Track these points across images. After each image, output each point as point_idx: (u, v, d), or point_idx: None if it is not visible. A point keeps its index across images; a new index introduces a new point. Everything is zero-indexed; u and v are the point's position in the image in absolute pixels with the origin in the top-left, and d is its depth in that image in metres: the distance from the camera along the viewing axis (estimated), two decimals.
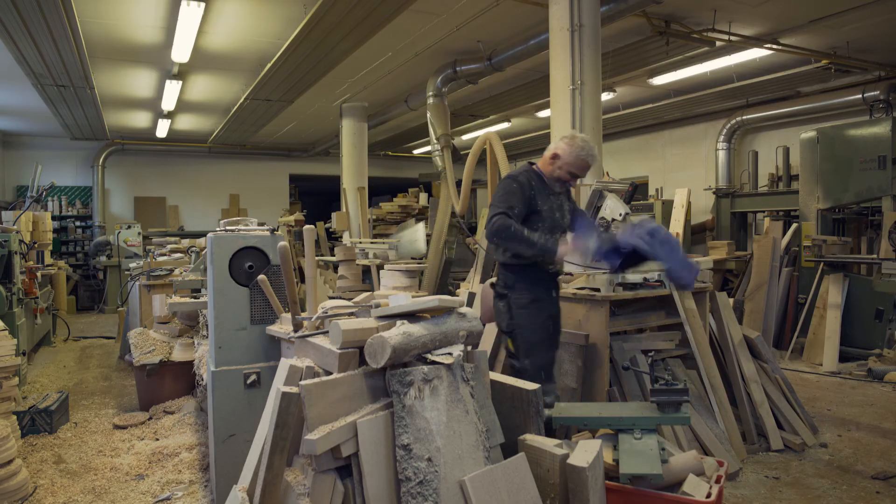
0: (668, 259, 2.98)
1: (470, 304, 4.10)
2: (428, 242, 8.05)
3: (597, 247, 3.07)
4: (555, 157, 3.26)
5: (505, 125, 12.33)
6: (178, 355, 5.07)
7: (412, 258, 8.01)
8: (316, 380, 2.10)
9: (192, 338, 5.20)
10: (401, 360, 2.10)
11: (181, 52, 7.12)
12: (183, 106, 10.39)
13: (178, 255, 7.27)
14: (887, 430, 4.54)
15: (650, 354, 3.22)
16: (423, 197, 11.99)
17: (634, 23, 6.56)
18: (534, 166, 3.35)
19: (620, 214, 3.81)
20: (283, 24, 6.66)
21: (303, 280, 8.01)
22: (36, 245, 7.78)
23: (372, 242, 7.60)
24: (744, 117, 10.18)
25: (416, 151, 15.66)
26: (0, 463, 3.36)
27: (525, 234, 3.07)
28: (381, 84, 9.20)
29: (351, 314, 2.58)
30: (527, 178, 3.25)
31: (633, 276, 3.85)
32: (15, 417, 4.19)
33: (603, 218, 3.93)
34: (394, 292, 3.55)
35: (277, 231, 3.31)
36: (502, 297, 3.31)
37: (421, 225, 8.83)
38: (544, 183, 3.30)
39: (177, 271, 6.27)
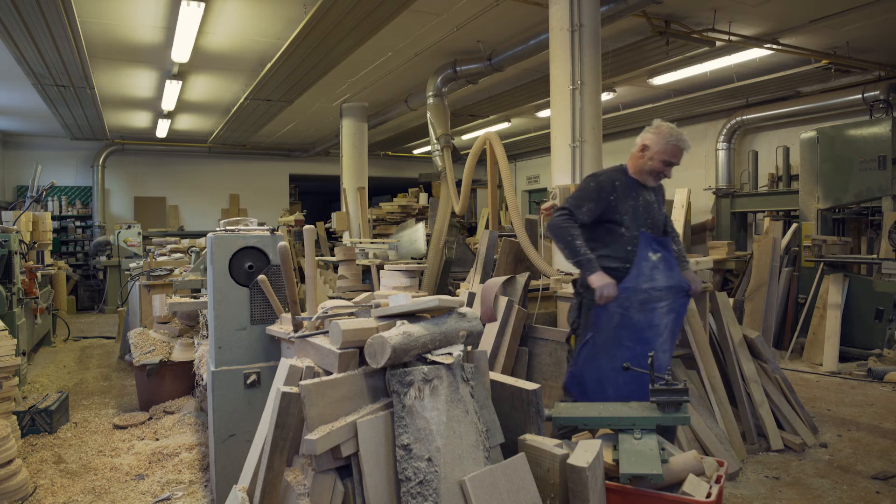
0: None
1: (470, 304, 4.10)
2: (428, 242, 8.05)
3: (622, 301, 3.08)
4: (644, 148, 3.21)
5: (505, 125, 12.33)
6: (178, 355, 5.07)
7: (412, 258, 8.02)
8: (316, 380, 2.10)
9: (192, 338, 5.20)
10: (401, 360, 2.10)
11: (181, 52, 7.12)
12: (183, 106, 10.39)
13: (178, 255, 7.27)
14: (887, 430, 4.54)
15: (650, 354, 3.21)
16: (423, 197, 11.99)
17: (634, 23, 6.56)
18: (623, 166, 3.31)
19: None
20: (283, 24, 6.66)
21: (303, 280, 8.01)
22: (36, 245, 7.78)
23: (372, 242, 7.60)
24: (744, 117, 10.18)
25: (416, 151, 15.65)
26: (0, 463, 3.36)
27: (574, 242, 3.06)
28: (381, 84, 9.20)
29: (351, 314, 2.58)
30: (608, 178, 3.20)
31: None
32: (15, 417, 4.19)
33: None
34: (394, 292, 3.55)
35: (277, 231, 3.31)
36: (577, 295, 3.30)
37: (421, 225, 8.83)
38: (633, 180, 3.24)
39: (177, 271, 6.27)
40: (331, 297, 4.93)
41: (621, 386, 3.11)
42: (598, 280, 3.05)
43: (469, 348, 2.41)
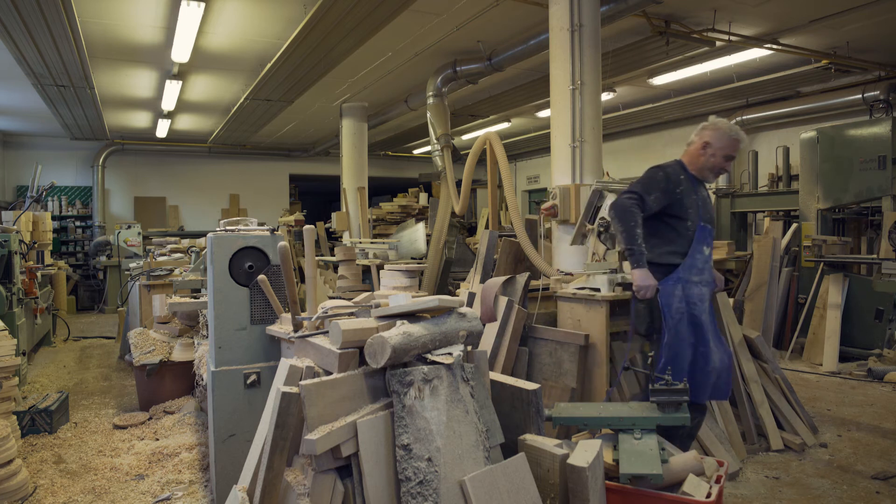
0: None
1: (470, 304, 4.10)
2: (428, 242, 8.05)
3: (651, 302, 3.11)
4: (706, 145, 3.21)
5: (505, 125, 12.34)
6: (178, 355, 5.07)
7: (412, 258, 8.02)
8: (316, 380, 2.10)
9: (192, 338, 5.20)
10: (401, 360, 2.10)
11: (181, 52, 7.12)
12: (183, 106, 10.39)
13: (178, 255, 7.27)
14: (887, 430, 4.54)
15: (650, 354, 3.21)
16: (423, 197, 11.99)
17: (634, 23, 6.56)
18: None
19: None
20: (283, 24, 6.66)
21: (303, 280, 8.01)
22: (36, 245, 7.78)
23: (372, 242, 7.60)
24: (744, 117, 10.18)
25: (416, 151, 15.66)
26: (0, 463, 3.36)
27: (635, 230, 3.04)
28: (381, 84, 9.20)
29: (351, 314, 2.58)
30: (675, 171, 3.20)
31: None
32: (15, 417, 4.19)
33: (603, 218, 3.93)
34: (394, 292, 3.55)
35: (277, 231, 3.31)
36: (641, 300, 3.19)
37: (421, 225, 8.83)
38: (692, 176, 3.25)
39: (177, 271, 6.27)
40: (331, 297, 4.93)
41: (701, 383, 3.11)
42: (643, 278, 3.06)
43: (469, 348, 2.41)
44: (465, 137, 13.33)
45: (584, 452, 2.28)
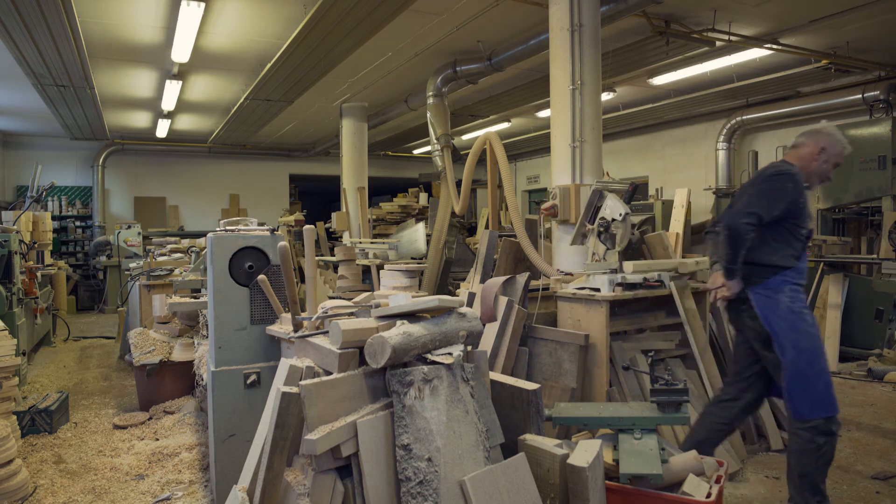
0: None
1: (470, 304, 4.10)
2: (428, 242, 8.05)
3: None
4: (822, 151, 3.16)
5: (505, 125, 12.33)
6: (178, 355, 5.08)
7: (412, 258, 8.02)
8: (316, 380, 2.10)
9: (192, 338, 5.20)
10: (401, 360, 2.10)
11: (181, 52, 7.12)
12: (183, 106, 10.39)
13: (178, 255, 7.28)
14: (887, 430, 4.54)
15: (650, 354, 3.21)
16: (423, 197, 11.99)
17: (634, 23, 6.56)
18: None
19: (620, 214, 3.81)
20: (283, 24, 6.66)
21: (303, 280, 8.01)
22: (36, 245, 7.78)
23: (372, 242, 7.60)
24: (744, 117, 10.18)
25: (416, 151, 15.66)
26: (0, 463, 3.36)
27: (741, 252, 3.00)
28: (381, 84, 9.20)
29: (351, 314, 2.58)
30: (801, 180, 3.10)
31: (633, 277, 3.85)
32: (15, 417, 4.19)
33: (603, 218, 3.93)
34: (394, 292, 3.55)
35: (277, 231, 3.31)
36: (749, 315, 3.09)
37: (421, 225, 8.83)
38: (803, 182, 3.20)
39: (177, 271, 6.27)
40: (331, 297, 4.93)
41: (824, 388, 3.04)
42: (735, 288, 3.05)
43: (469, 348, 2.41)
44: (465, 137, 13.32)
45: (584, 452, 2.28)
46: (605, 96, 9.33)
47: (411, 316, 2.34)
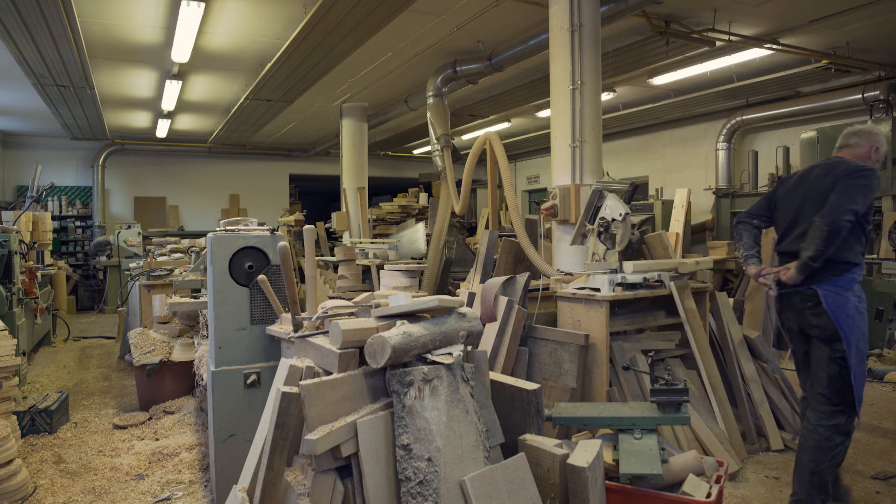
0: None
1: (470, 304, 4.10)
2: (428, 242, 8.05)
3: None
4: (877, 150, 3.27)
5: (505, 125, 12.33)
6: (178, 355, 5.08)
7: (412, 258, 8.02)
8: (316, 380, 2.10)
9: (192, 338, 5.20)
10: (401, 360, 2.10)
11: (181, 52, 7.12)
12: (183, 106, 10.39)
13: (178, 255, 7.28)
14: (887, 430, 4.54)
15: (650, 354, 3.21)
16: (423, 197, 12.00)
17: (634, 23, 6.56)
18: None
19: (620, 214, 3.82)
20: (283, 24, 6.66)
21: (303, 280, 8.01)
22: (36, 245, 7.78)
23: (372, 242, 7.60)
24: (744, 117, 10.18)
25: (416, 151, 15.66)
26: (0, 463, 3.36)
27: (832, 249, 2.98)
28: (381, 84, 9.20)
29: (351, 314, 2.58)
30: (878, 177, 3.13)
31: (633, 277, 3.85)
32: (15, 417, 4.19)
33: (603, 218, 3.93)
34: (394, 292, 3.55)
35: (277, 231, 3.31)
36: (816, 310, 3.09)
37: (421, 225, 8.84)
38: None
39: (177, 271, 6.27)
40: (331, 297, 4.93)
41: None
42: (796, 280, 3.06)
43: (469, 348, 2.41)
44: (465, 137, 13.32)
45: (584, 452, 2.28)
46: (605, 96, 9.33)
47: (411, 316, 2.34)
